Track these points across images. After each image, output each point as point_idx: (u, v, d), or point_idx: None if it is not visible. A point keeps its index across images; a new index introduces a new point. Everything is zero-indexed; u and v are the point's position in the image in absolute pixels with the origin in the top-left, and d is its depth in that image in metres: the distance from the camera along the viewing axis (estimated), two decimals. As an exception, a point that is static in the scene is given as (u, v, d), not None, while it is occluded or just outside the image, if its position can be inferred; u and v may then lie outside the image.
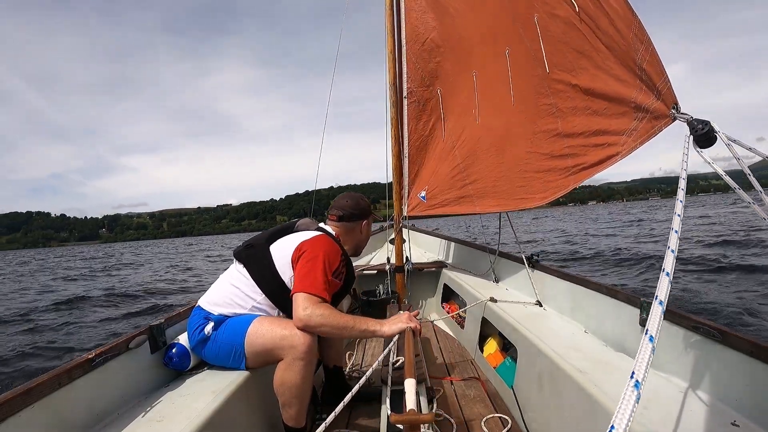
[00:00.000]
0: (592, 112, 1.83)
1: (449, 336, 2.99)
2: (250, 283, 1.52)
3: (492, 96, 2.41)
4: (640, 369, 0.52)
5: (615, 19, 1.64)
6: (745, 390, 1.10)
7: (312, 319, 1.36)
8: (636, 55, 1.58)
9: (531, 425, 1.67)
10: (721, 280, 6.76)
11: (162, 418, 1.19)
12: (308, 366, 1.39)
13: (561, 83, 1.94)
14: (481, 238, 3.26)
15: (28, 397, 1.01)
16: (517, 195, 2.29)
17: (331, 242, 1.59)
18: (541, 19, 1.95)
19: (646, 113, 1.59)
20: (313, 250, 1.50)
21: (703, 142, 1.22)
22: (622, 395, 0.50)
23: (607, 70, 1.72)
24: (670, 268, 0.74)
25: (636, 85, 1.61)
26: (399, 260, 3.00)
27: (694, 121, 1.27)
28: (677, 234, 0.82)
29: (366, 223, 1.81)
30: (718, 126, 1.20)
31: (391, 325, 1.48)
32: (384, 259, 3.51)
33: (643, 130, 1.61)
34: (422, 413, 0.83)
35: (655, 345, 0.61)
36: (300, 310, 1.37)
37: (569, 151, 1.97)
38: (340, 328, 1.40)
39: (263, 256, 1.54)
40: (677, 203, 0.94)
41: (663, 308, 0.67)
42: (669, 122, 1.51)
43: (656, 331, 0.61)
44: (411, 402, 0.88)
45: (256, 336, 1.42)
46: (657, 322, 0.62)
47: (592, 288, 1.85)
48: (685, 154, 1.15)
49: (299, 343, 1.36)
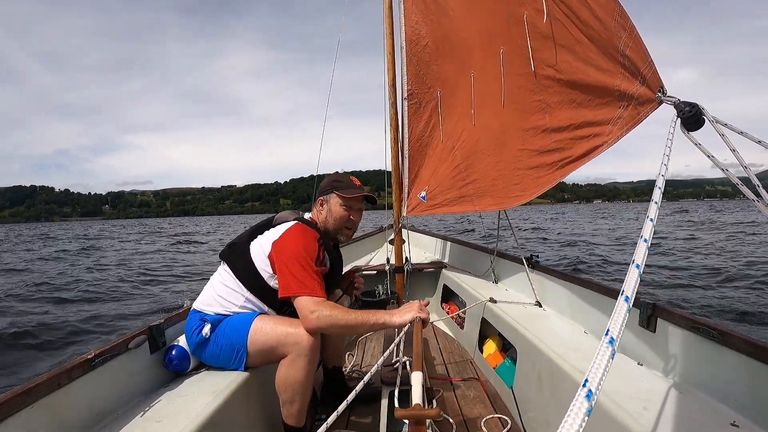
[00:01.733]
0: (576, 104, 1.83)
1: (449, 336, 2.99)
2: (236, 281, 1.52)
3: (489, 96, 2.42)
4: (594, 378, 0.47)
5: (595, 9, 1.63)
6: (744, 390, 1.10)
7: (321, 320, 1.36)
8: (619, 42, 1.57)
9: (530, 425, 1.67)
10: (721, 280, 6.78)
11: (161, 418, 1.19)
12: (312, 363, 1.40)
13: (548, 79, 1.95)
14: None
15: (28, 397, 1.01)
16: (512, 193, 2.30)
17: (302, 231, 1.54)
18: (529, 16, 1.96)
19: (631, 100, 1.58)
20: (286, 249, 1.47)
21: (691, 125, 1.20)
22: (594, 357, 0.50)
23: (588, 61, 1.72)
24: (641, 260, 0.69)
25: (619, 73, 1.60)
26: (398, 261, 3.00)
27: (682, 103, 1.25)
28: (652, 223, 0.78)
29: (335, 201, 1.66)
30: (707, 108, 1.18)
31: (403, 315, 1.43)
32: (383, 259, 3.51)
33: (628, 117, 1.61)
34: (427, 408, 0.80)
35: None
36: (307, 314, 1.37)
37: (556, 146, 1.98)
38: (350, 326, 1.40)
39: (244, 253, 1.54)
40: (659, 177, 0.92)
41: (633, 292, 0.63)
42: (655, 106, 1.50)
43: (618, 332, 0.55)
44: (417, 396, 0.85)
45: (260, 334, 1.43)
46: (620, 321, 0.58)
47: (592, 288, 1.85)
48: (670, 137, 1.12)
49: (304, 340, 1.37)
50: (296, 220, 1.62)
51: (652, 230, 0.76)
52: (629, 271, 0.67)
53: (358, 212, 1.69)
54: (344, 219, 1.65)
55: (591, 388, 0.43)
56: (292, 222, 1.59)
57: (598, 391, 0.43)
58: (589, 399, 0.42)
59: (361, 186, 1.71)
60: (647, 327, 1.45)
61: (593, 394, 0.42)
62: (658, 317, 1.42)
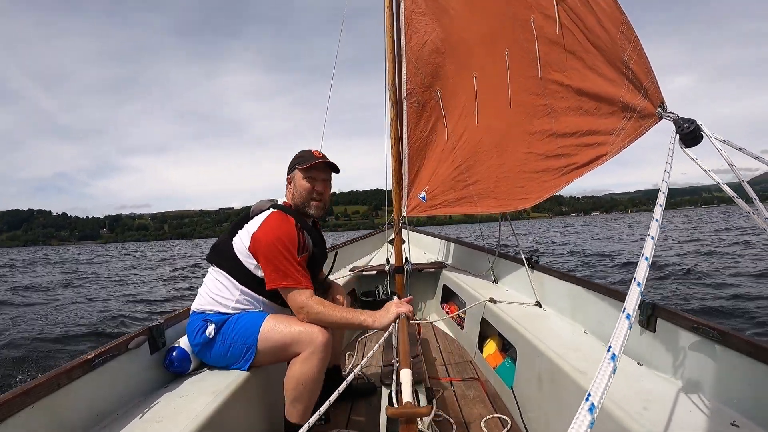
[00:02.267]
0: (583, 112, 1.84)
1: (449, 336, 2.99)
2: (228, 278, 1.54)
3: (492, 97, 2.41)
4: (617, 343, 0.52)
5: (602, 19, 1.64)
6: (744, 390, 1.10)
7: (309, 317, 1.44)
8: (623, 54, 1.58)
9: (530, 425, 1.67)
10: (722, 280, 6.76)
11: (161, 418, 1.19)
12: (324, 361, 1.42)
13: (555, 84, 1.96)
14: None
15: (28, 397, 1.01)
16: (516, 195, 2.29)
17: (280, 219, 1.54)
18: (537, 20, 1.97)
19: (634, 112, 1.59)
20: (266, 240, 1.47)
21: (689, 141, 1.23)
22: (597, 369, 0.51)
23: (596, 69, 1.73)
24: (642, 278, 0.71)
25: (624, 85, 1.62)
26: (398, 261, 3.00)
27: (680, 119, 1.27)
28: (653, 240, 0.79)
29: (298, 175, 1.64)
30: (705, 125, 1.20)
31: (382, 318, 1.48)
32: (383, 259, 3.51)
33: (630, 129, 1.62)
34: (420, 406, 0.80)
35: (631, 322, 0.59)
36: (297, 308, 1.45)
37: (562, 151, 1.98)
38: (335, 324, 1.48)
39: (228, 251, 1.55)
40: (660, 195, 0.95)
41: (641, 289, 0.67)
42: (656, 121, 1.52)
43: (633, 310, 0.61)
44: (407, 394, 0.84)
45: (273, 332, 1.44)
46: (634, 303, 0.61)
47: (592, 288, 1.85)
48: (670, 153, 1.16)
49: (318, 338, 1.40)
50: (272, 208, 1.60)
51: (653, 248, 0.77)
52: (630, 289, 0.68)
53: (322, 182, 1.67)
54: (309, 190, 1.63)
55: (594, 402, 0.45)
56: (269, 211, 1.58)
57: (600, 404, 0.45)
58: (592, 412, 0.44)
59: (324, 156, 1.66)
60: (647, 327, 1.45)
61: (596, 408, 0.44)
62: (658, 317, 1.42)
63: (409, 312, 1.49)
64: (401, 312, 1.47)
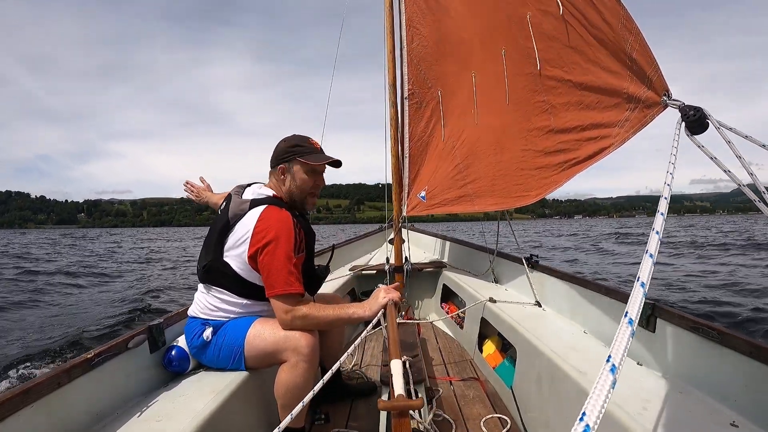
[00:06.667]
0: (584, 106, 1.83)
1: (448, 336, 2.99)
2: (230, 295, 1.47)
3: (490, 96, 2.41)
4: (617, 354, 0.47)
5: (603, 11, 1.64)
6: (744, 390, 1.10)
7: (295, 323, 1.37)
8: (625, 45, 1.58)
9: (530, 425, 1.67)
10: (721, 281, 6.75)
11: (161, 418, 1.19)
12: (312, 367, 1.38)
13: (553, 80, 1.95)
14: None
15: (27, 397, 1.00)
16: (515, 193, 2.29)
17: (276, 218, 1.42)
18: (533, 17, 1.96)
19: (638, 103, 1.58)
20: (270, 238, 1.37)
21: (695, 128, 1.21)
22: (596, 380, 0.46)
23: (598, 62, 1.72)
24: (646, 278, 0.64)
25: (627, 76, 1.61)
26: (398, 260, 3.00)
27: (686, 107, 1.26)
28: (659, 236, 0.73)
29: (297, 168, 1.53)
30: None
31: (373, 305, 1.43)
32: (383, 259, 3.50)
33: (635, 119, 1.61)
34: (412, 399, 0.76)
35: (634, 328, 0.54)
36: (282, 314, 1.37)
37: (562, 147, 1.97)
38: (325, 323, 1.42)
39: (225, 270, 1.45)
40: (665, 187, 0.93)
41: (645, 290, 0.61)
42: (661, 110, 1.51)
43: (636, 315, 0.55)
44: (399, 386, 0.79)
45: (258, 339, 1.40)
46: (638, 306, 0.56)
47: (592, 288, 1.85)
48: (676, 139, 1.13)
49: (302, 345, 1.34)
50: (262, 204, 1.46)
51: (658, 244, 0.70)
52: (633, 290, 0.60)
53: (321, 175, 1.59)
54: (310, 185, 1.55)
55: (589, 424, 0.42)
56: (261, 208, 1.44)
57: (596, 426, 0.42)
58: (588, 430, 0.41)
59: (322, 150, 1.58)
60: (647, 327, 1.45)
61: (591, 430, 0.41)
62: (658, 317, 1.42)
63: (397, 298, 1.44)
64: (390, 297, 1.43)
